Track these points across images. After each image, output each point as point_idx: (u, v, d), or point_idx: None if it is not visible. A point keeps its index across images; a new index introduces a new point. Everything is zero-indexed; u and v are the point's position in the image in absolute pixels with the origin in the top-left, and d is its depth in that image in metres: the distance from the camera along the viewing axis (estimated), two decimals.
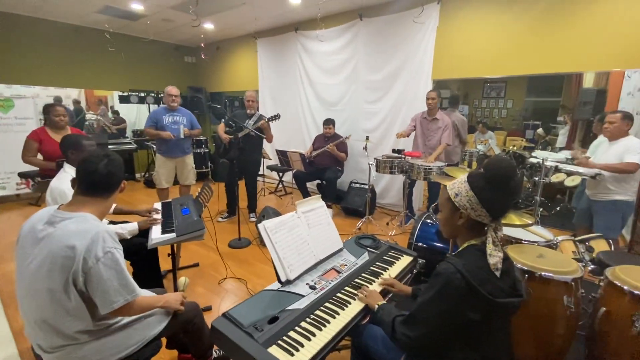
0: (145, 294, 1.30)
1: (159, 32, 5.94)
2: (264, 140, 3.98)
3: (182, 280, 1.52)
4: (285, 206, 4.55)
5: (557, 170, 2.74)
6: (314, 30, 4.84)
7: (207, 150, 6.04)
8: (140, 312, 1.22)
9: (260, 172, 5.27)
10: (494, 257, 0.99)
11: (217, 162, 6.24)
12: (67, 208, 1.17)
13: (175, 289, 2.26)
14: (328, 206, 4.30)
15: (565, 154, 3.86)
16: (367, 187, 4.22)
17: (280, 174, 5.40)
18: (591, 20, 3.01)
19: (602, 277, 1.53)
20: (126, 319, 1.21)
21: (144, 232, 2.08)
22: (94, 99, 8.66)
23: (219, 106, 3.61)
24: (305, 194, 4.61)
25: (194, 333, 1.47)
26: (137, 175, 6.44)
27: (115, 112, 7.76)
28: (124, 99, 6.24)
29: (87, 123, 7.53)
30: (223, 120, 3.93)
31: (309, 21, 4.99)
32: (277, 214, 3.47)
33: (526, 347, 1.54)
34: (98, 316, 1.11)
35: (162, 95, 6.19)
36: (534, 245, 1.80)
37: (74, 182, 1.22)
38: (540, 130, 6.17)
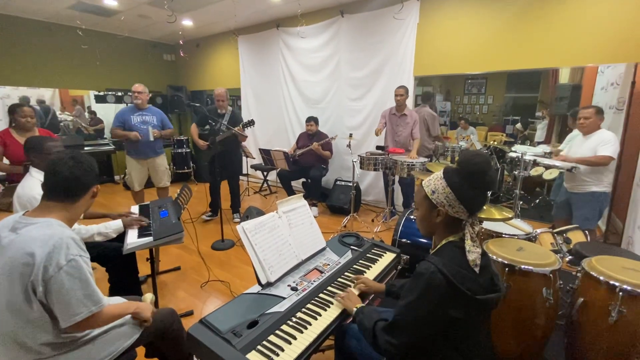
0: (115, 301, 1.24)
1: (135, 29, 5.75)
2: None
3: (148, 296, 1.45)
4: (269, 205, 4.50)
5: (535, 164, 2.79)
6: (295, 27, 4.79)
7: (188, 151, 5.90)
8: (107, 323, 1.15)
9: (244, 172, 5.19)
10: (473, 253, 0.98)
11: (199, 162, 6.10)
12: (32, 214, 1.10)
13: (156, 295, 2.18)
14: (313, 204, 4.30)
15: (544, 148, 3.95)
16: (351, 184, 4.23)
17: (265, 173, 5.34)
18: (566, 16, 3.08)
19: (579, 268, 1.56)
20: (96, 331, 1.14)
21: (120, 237, 2.00)
22: (68, 99, 8.33)
23: (198, 105, 3.49)
24: (291, 192, 4.57)
25: (172, 340, 1.41)
26: (116, 177, 6.24)
27: (92, 113, 7.48)
28: (100, 99, 6.03)
29: (62, 124, 7.22)
30: (194, 120, 3.76)
31: (291, 18, 4.93)
32: (261, 213, 3.41)
33: (507, 339, 1.56)
34: (63, 328, 1.03)
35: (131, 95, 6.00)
36: (514, 239, 1.82)
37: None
38: (518, 125, 6.33)
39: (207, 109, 3.66)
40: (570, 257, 2.03)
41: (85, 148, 5.62)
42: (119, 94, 6.03)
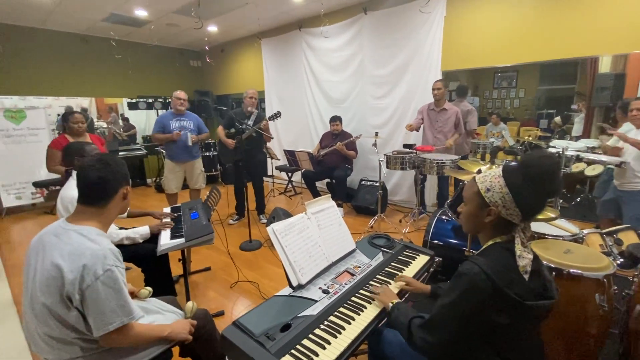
0: (151, 314, 1.25)
1: (163, 37, 5.98)
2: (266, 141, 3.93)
3: (189, 305, 1.45)
4: (295, 206, 4.51)
5: (578, 159, 2.60)
6: (318, 27, 4.78)
7: (215, 153, 6.05)
8: (138, 342, 1.13)
9: (269, 173, 5.24)
10: (524, 259, 0.91)
11: (225, 164, 6.24)
12: (71, 219, 1.13)
13: (187, 295, 2.23)
14: (338, 205, 4.25)
15: (586, 142, 3.69)
16: (377, 184, 4.14)
17: (289, 174, 5.36)
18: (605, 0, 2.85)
19: (636, 272, 1.42)
20: None
21: (154, 238, 2.06)
22: (104, 107, 8.81)
23: (225, 108, 3.57)
24: (315, 193, 4.55)
25: (206, 342, 1.42)
26: (149, 181, 6.50)
27: (125, 119, 7.86)
28: (132, 106, 6.31)
29: (98, 131, 7.65)
30: (221, 123, 3.85)
31: (313, 18, 4.93)
32: (287, 214, 3.42)
33: (556, 348, 1.45)
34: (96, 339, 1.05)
35: (169, 100, 6.22)
36: (559, 240, 1.69)
37: None
38: (557, 119, 5.96)
39: (233, 112, 3.74)
40: (621, 260, 1.86)
41: (120, 153, 5.90)
42: (150, 100, 6.28)
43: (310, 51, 5.04)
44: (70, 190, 1.86)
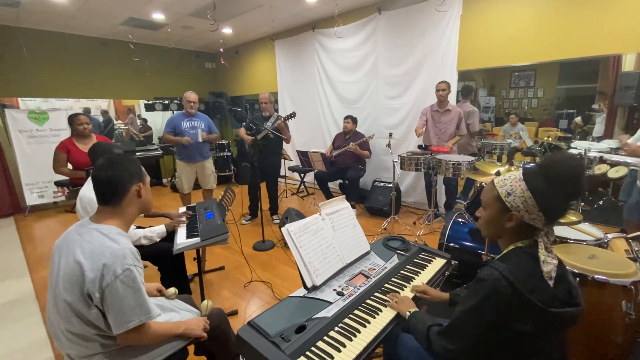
0: (168, 312, 1.27)
1: (179, 40, 6.09)
2: (284, 142, 3.95)
3: (204, 304, 1.47)
4: (307, 207, 4.51)
5: (602, 161, 2.51)
6: (332, 28, 4.78)
7: (229, 154, 6.11)
8: (155, 340, 1.15)
9: (282, 174, 5.27)
10: (549, 265, 0.87)
11: (239, 165, 6.30)
12: (94, 219, 1.16)
13: (202, 293, 2.26)
14: (352, 206, 4.22)
15: (609, 143, 3.56)
16: (391, 185, 4.11)
17: (302, 175, 5.37)
18: None
19: None
20: None
21: (170, 237, 2.09)
22: (122, 109, 9.05)
23: (239, 109, 3.62)
24: (328, 194, 4.54)
25: (220, 341, 1.44)
26: (164, 180, 6.63)
27: (143, 120, 8.06)
28: (149, 107, 6.45)
29: (116, 132, 7.86)
30: (244, 124, 3.94)
31: (326, 19, 4.93)
32: (300, 215, 3.42)
33: (579, 358, 1.39)
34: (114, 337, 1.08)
35: (184, 104, 6.33)
36: (583, 245, 1.63)
37: None
38: (578, 119, 5.77)
39: (254, 116, 3.78)
40: None
41: (137, 153, 6.03)
42: (166, 102, 6.41)
43: (324, 52, 5.05)
44: (88, 192, 1.91)
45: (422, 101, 4.08)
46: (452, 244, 2.31)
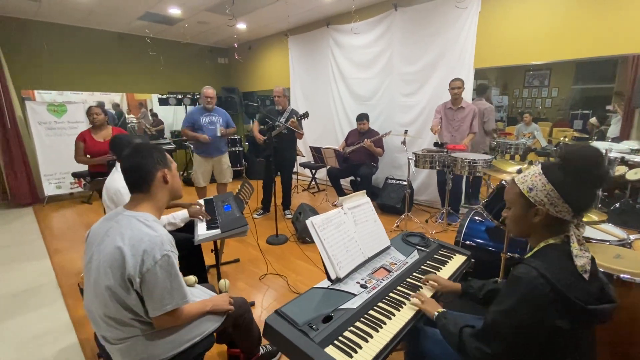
0: (196, 298, 1.30)
1: (194, 35, 6.14)
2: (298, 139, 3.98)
3: (222, 282, 1.51)
4: (319, 203, 4.52)
5: (624, 162, 2.47)
6: (347, 24, 4.77)
7: (241, 149, 6.16)
8: (188, 320, 1.20)
9: (294, 170, 5.29)
10: (582, 258, 0.87)
11: (251, 160, 6.35)
12: (128, 206, 1.19)
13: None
14: None
15: (630, 145, 3.49)
16: (404, 183, 4.10)
17: (313, 171, 5.39)
18: None
19: None
20: None
21: (189, 228, 2.13)
22: (135, 103, 9.18)
23: (255, 104, 3.64)
24: (340, 191, 4.56)
25: (244, 328, 1.47)
26: None
27: (154, 115, 8.16)
28: (162, 101, 6.52)
29: (129, 125, 7.98)
30: (256, 118, 3.97)
31: (341, 15, 4.92)
32: (313, 210, 3.45)
33: (603, 357, 1.39)
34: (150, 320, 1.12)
35: (198, 96, 6.40)
36: (607, 245, 1.62)
37: None
38: (593, 120, 5.67)
39: (267, 109, 3.81)
40: None
41: None
42: (179, 96, 6.47)
43: (338, 48, 5.04)
44: (114, 182, 1.96)
45: (437, 99, 4.05)
46: (468, 242, 2.31)
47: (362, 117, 4.26)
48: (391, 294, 1.33)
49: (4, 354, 1.91)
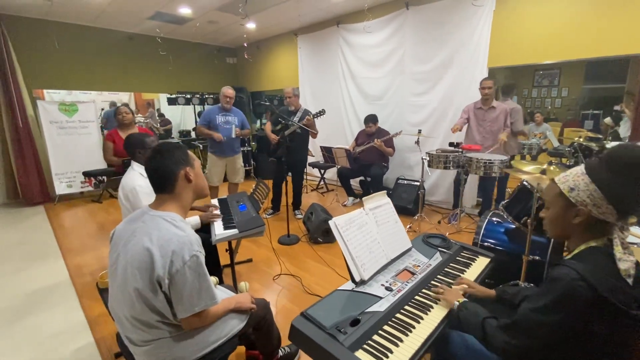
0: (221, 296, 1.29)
1: (203, 35, 6.15)
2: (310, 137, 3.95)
3: (242, 285, 1.50)
4: (329, 203, 4.49)
5: None
6: (358, 23, 4.74)
7: (249, 149, 6.16)
8: (214, 320, 1.19)
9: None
10: (626, 262, 0.84)
11: (259, 159, 6.34)
12: (154, 206, 1.18)
13: (235, 285, 2.28)
14: None
15: None
16: (416, 183, 4.07)
17: (322, 171, 5.36)
18: None
19: None
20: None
21: (205, 228, 2.12)
22: (142, 102, 9.22)
23: (268, 103, 3.62)
24: (349, 191, 4.53)
25: (265, 330, 1.45)
26: None
27: (161, 115, 8.19)
28: (171, 101, 6.53)
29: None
30: (264, 118, 3.96)
31: (351, 14, 4.89)
32: (324, 211, 3.42)
33: None
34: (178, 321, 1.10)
35: (207, 96, 6.41)
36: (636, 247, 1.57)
37: None
38: (608, 120, 5.57)
39: (279, 110, 3.80)
40: None
41: None
42: (188, 96, 6.49)
43: (347, 47, 5.01)
44: (130, 181, 1.95)
45: (449, 99, 4.01)
46: (486, 243, 2.27)
47: (368, 120, 4.21)
48: (417, 297, 1.30)
49: (21, 354, 1.91)
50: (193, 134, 7.14)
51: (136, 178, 1.95)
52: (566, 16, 3.17)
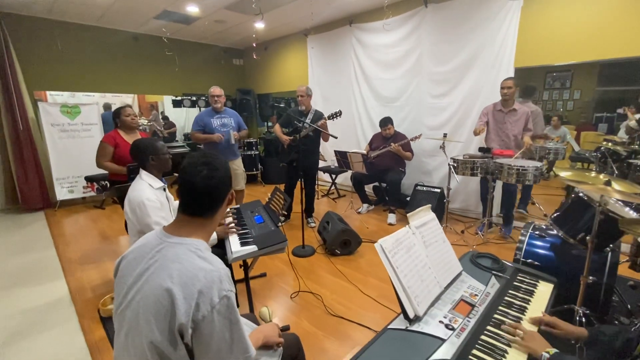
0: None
1: (209, 36, 5.97)
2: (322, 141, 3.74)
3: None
4: (344, 211, 4.27)
5: None
6: (371, 22, 4.55)
7: (257, 152, 5.95)
8: None
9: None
10: None
11: (266, 163, 6.14)
12: (173, 230, 0.94)
13: (250, 303, 2.07)
14: (391, 211, 3.99)
15: None
16: (437, 190, 3.85)
17: (333, 176, 5.15)
18: None
19: None
20: None
21: (220, 244, 1.90)
22: (146, 105, 9.04)
23: (282, 105, 3.42)
24: (364, 197, 4.32)
25: None
26: None
27: (165, 118, 8.00)
28: (177, 103, 6.34)
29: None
30: (278, 121, 3.75)
31: (365, 13, 4.70)
32: (341, 220, 3.21)
33: None
34: None
35: (209, 99, 6.21)
36: None
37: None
38: (632, 123, 5.34)
39: (291, 110, 3.59)
40: None
41: None
42: (194, 98, 6.30)
43: (361, 47, 4.81)
44: (138, 193, 1.73)
45: (471, 100, 3.79)
46: (529, 260, 2.04)
47: (387, 122, 4.01)
48: (484, 337, 1.07)
49: None
50: None
51: (145, 190, 1.74)
52: (599, 14, 2.95)
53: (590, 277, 1.72)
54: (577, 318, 1.71)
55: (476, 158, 2.99)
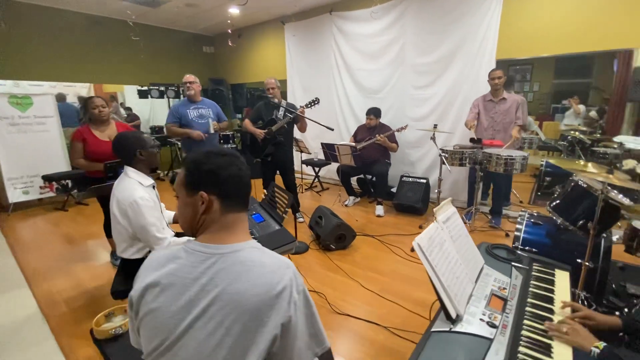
0: None
1: (178, 21, 5.55)
2: (300, 132, 3.61)
3: None
4: (333, 204, 4.20)
5: None
6: (353, 11, 4.44)
7: (234, 146, 5.69)
8: None
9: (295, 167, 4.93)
10: None
11: (245, 157, 5.90)
12: (223, 239, 0.79)
13: None
14: (378, 203, 3.99)
15: None
16: (422, 181, 3.90)
17: (316, 169, 5.06)
18: None
19: None
20: None
21: None
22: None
23: (270, 96, 3.25)
24: (350, 190, 4.29)
25: None
26: (161, 174, 6.11)
27: (128, 109, 7.38)
28: (143, 94, 5.87)
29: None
30: (249, 118, 3.52)
31: (346, 0, 4.58)
32: (333, 214, 3.14)
33: None
34: None
35: (183, 88, 5.82)
36: None
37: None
38: (593, 113, 5.75)
39: (262, 103, 3.41)
40: None
41: None
42: (162, 88, 5.86)
43: (342, 37, 4.70)
44: (129, 192, 1.54)
45: (454, 92, 3.85)
46: (527, 248, 2.10)
47: (370, 112, 3.98)
48: (525, 332, 1.06)
49: None
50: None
51: (137, 189, 1.55)
52: (582, 6, 3.08)
53: (588, 263, 1.80)
54: (579, 302, 1.79)
55: (466, 148, 3.04)
